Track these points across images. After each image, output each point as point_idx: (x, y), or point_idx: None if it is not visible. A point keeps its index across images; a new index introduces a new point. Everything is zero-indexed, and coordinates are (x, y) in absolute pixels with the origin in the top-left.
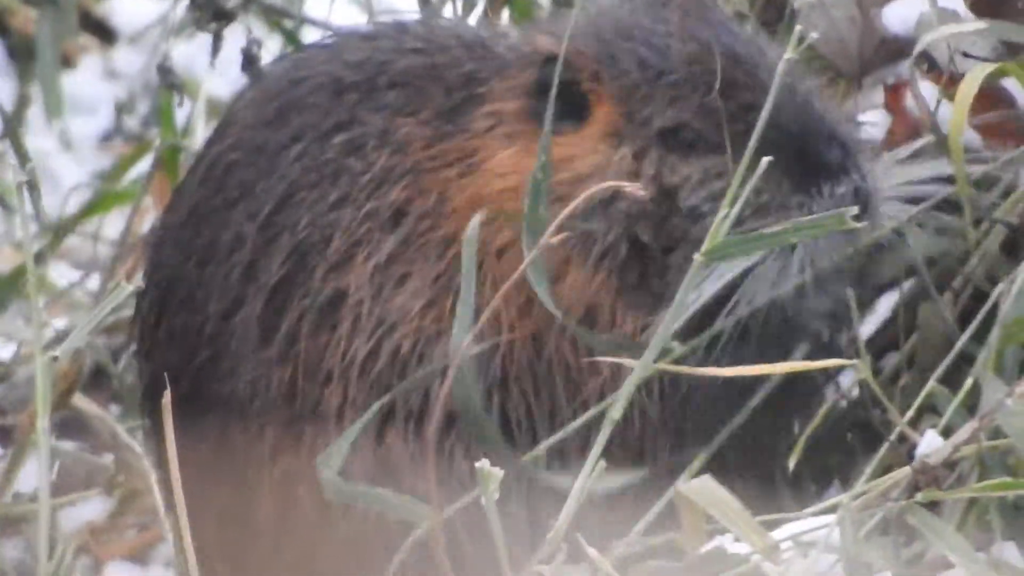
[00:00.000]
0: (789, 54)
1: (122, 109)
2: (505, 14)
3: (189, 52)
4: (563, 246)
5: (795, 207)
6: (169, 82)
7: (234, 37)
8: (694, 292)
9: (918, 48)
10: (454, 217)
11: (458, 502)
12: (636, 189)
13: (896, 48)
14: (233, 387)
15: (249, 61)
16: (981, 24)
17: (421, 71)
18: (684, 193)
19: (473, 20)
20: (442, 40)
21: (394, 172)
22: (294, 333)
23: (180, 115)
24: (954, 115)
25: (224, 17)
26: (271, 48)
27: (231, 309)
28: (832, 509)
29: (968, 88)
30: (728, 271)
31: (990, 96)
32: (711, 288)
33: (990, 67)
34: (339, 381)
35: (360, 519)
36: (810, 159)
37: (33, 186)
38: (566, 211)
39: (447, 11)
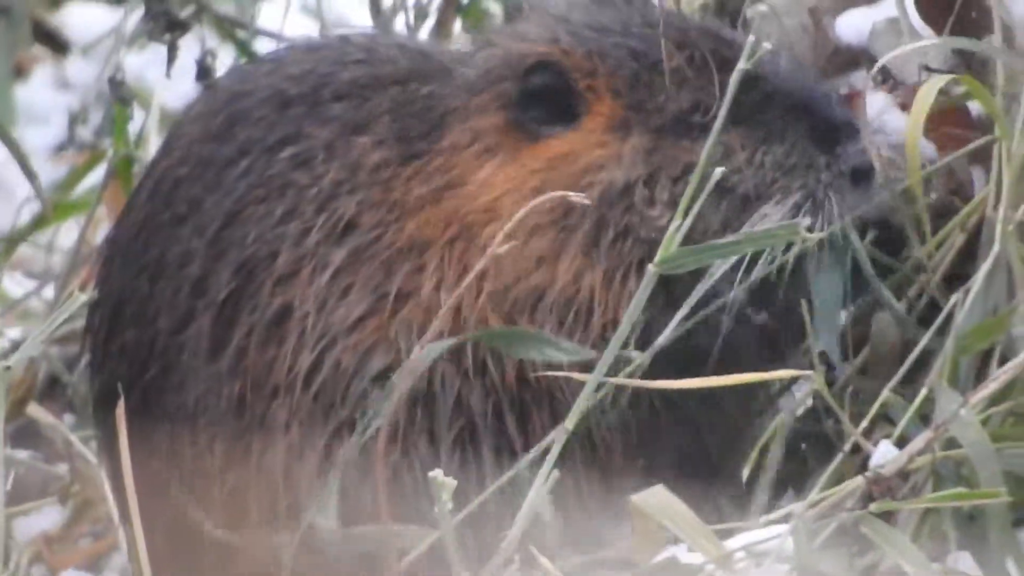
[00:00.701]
0: (743, 64)
1: (75, 119)
2: (457, 24)
3: (142, 62)
4: (552, 234)
5: (823, 167)
6: (120, 95)
7: (187, 48)
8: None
9: (879, 64)
10: (416, 224)
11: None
12: (581, 199)
13: (849, 57)
14: (183, 401)
15: (204, 71)
16: (936, 39)
17: (365, 81)
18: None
19: (426, 30)
20: (385, 51)
21: (344, 186)
22: (243, 347)
23: (133, 125)
24: (910, 126)
25: (179, 27)
26: (223, 59)
27: (181, 324)
28: (786, 519)
29: (923, 100)
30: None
31: (950, 112)
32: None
33: (944, 79)
34: (285, 395)
35: (308, 532)
36: (824, 120)
37: (31, 175)
38: (529, 205)
39: (399, 21)
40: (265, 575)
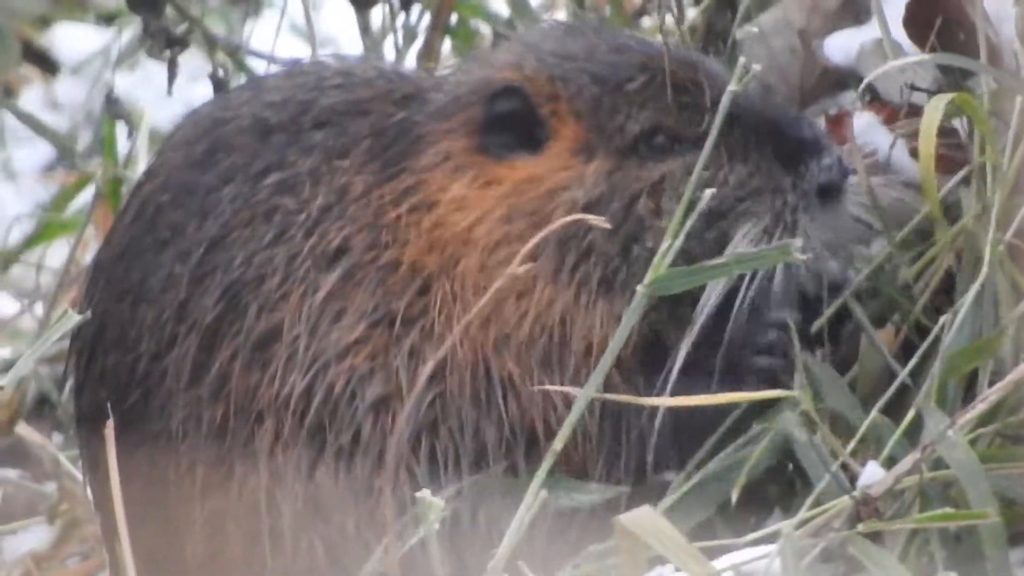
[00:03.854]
0: (733, 86)
1: (64, 139)
2: (446, 45)
3: (131, 83)
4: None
5: (789, 188)
6: (116, 113)
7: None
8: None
9: (865, 82)
10: (402, 247)
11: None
12: (601, 223)
13: (837, 78)
14: (164, 425)
15: (219, 85)
16: (924, 56)
17: (345, 108)
18: (670, 189)
19: (414, 51)
20: (362, 74)
21: (331, 212)
22: (226, 371)
23: (122, 146)
24: (921, 147)
25: (178, 44)
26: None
27: (163, 348)
28: (773, 539)
29: (931, 120)
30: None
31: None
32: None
33: (947, 98)
34: (271, 419)
35: (290, 557)
36: (790, 139)
37: None
38: (540, 234)
39: (388, 42)
40: None
